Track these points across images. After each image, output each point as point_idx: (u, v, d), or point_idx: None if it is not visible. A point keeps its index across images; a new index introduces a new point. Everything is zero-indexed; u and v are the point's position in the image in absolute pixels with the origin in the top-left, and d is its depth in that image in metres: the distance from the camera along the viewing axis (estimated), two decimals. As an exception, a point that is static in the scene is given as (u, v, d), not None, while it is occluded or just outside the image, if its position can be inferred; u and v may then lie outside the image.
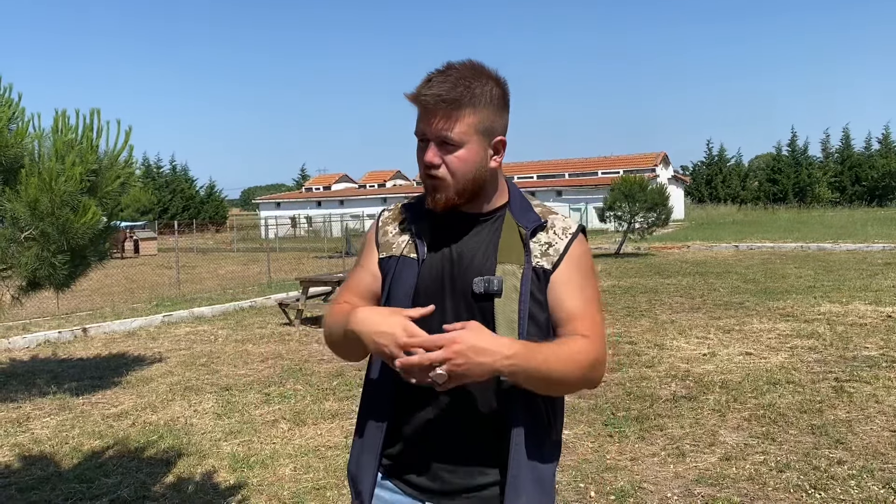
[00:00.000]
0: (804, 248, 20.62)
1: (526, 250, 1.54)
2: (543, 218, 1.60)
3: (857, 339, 7.81)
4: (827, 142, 60.84)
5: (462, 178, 1.52)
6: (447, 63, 1.52)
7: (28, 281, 6.55)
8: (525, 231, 1.56)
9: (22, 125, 6.71)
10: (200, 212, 59.32)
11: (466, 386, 1.50)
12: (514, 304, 1.50)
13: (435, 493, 1.56)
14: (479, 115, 1.50)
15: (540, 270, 1.54)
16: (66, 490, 4.39)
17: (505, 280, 1.51)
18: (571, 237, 1.58)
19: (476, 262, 1.55)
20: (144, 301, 13.45)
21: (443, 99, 1.45)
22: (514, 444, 1.51)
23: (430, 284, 1.56)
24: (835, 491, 3.97)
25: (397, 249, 1.62)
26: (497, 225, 1.59)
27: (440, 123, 1.47)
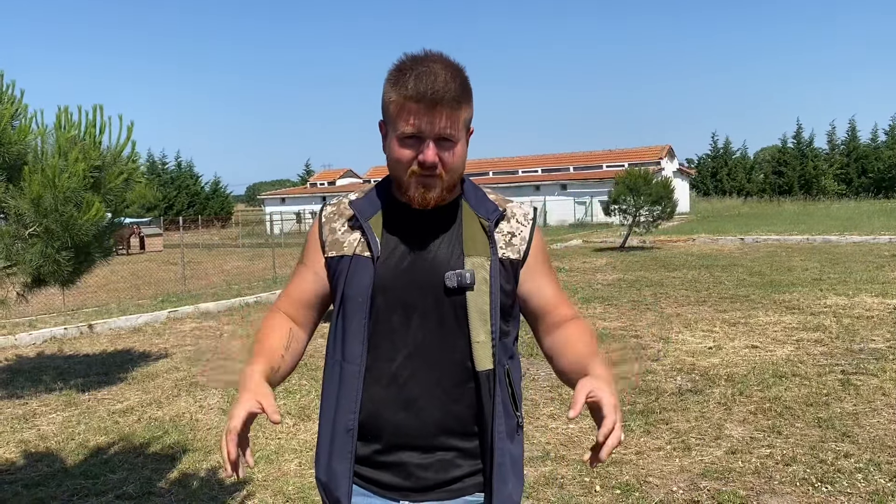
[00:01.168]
0: (810, 241, 20.54)
1: (491, 242, 1.54)
2: (502, 207, 1.60)
3: (863, 332, 7.77)
4: (833, 133, 60.53)
5: (455, 174, 1.51)
6: (419, 56, 1.48)
7: (33, 278, 6.56)
8: (487, 223, 1.56)
9: (25, 122, 6.71)
10: (206, 208, 59.36)
11: (437, 375, 1.51)
12: (485, 296, 1.51)
13: (408, 491, 1.55)
14: (470, 110, 1.51)
15: (507, 261, 1.55)
16: (71, 486, 4.40)
17: (475, 273, 1.51)
18: (532, 223, 1.63)
19: (441, 257, 1.53)
20: (150, 297, 13.48)
21: (445, 96, 1.42)
22: (497, 432, 1.51)
23: (389, 282, 1.53)
24: (841, 484, 3.95)
25: (349, 248, 1.57)
26: (454, 216, 1.57)
27: (444, 121, 1.44)
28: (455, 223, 1.56)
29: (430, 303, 1.51)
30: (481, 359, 1.51)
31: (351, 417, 1.53)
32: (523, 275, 1.59)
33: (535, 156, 50.82)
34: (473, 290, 1.50)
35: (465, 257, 1.52)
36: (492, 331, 1.51)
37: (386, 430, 1.53)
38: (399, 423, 1.52)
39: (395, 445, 1.54)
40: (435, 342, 1.52)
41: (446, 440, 1.53)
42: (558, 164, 47.74)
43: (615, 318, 9.36)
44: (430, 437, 1.52)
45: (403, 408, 1.52)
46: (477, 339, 1.50)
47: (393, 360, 1.53)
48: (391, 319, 1.52)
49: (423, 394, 1.51)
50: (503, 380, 1.55)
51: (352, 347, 1.54)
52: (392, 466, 1.55)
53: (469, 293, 1.50)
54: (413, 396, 1.52)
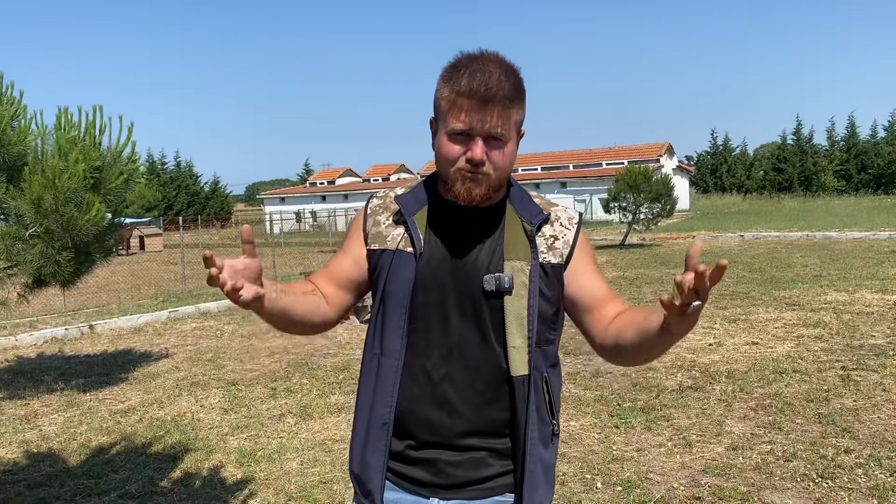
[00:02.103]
0: (810, 237, 20.54)
1: (532, 246, 1.53)
2: (546, 211, 1.59)
3: (863, 328, 7.78)
4: (832, 130, 60.38)
5: (502, 174, 1.51)
6: (475, 54, 1.47)
7: (34, 278, 6.56)
8: (530, 227, 1.55)
9: (24, 123, 6.71)
10: (205, 207, 59.34)
11: (473, 376, 1.51)
12: (523, 300, 1.50)
13: (439, 488, 1.55)
14: (522, 111, 1.50)
15: (548, 266, 1.54)
16: (74, 486, 4.41)
17: (514, 277, 1.50)
18: (577, 227, 1.60)
19: (482, 259, 1.53)
20: (150, 297, 13.48)
21: (499, 95, 1.42)
22: (530, 438, 1.51)
23: (430, 279, 1.53)
24: (842, 480, 3.96)
25: (392, 243, 1.57)
26: (498, 218, 1.57)
27: (495, 120, 1.44)
28: (499, 226, 1.56)
29: (468, 304, 1.51)
30: (517, 364, 1.50)
31: (387, 411, 1.54)
32: (568, 276, 1.56)
33: (535, 154, 50.81)
34: (511, 295, 1.49)
35: (504, 261, 1.51)
36: (529, 336, 1.50)
37: (419, 428, 1.54)
38: (433, 422, 1.53)
39: (428, 443, 1.54)
40: (471, 344, 1.52)
41: (478, 441, 1.53)
42: (558, 162, 47.75)
43: (615, 315, 9.36)
44: (463, 437, 1.53)
45: (437, 407, 1.53)
46: (513, 343, 1.50)
47: (429, 358, 1.53)
48: (429, 317, 1.52)
49: (457, 394, 1.52)
50: (540, 387, 1.54)
51: (390, 341, 1.54)
52: (423, 463, 1.55)
53: (507, 297, 1.49)
54: (447, 396, 1.52)
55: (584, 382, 6.18)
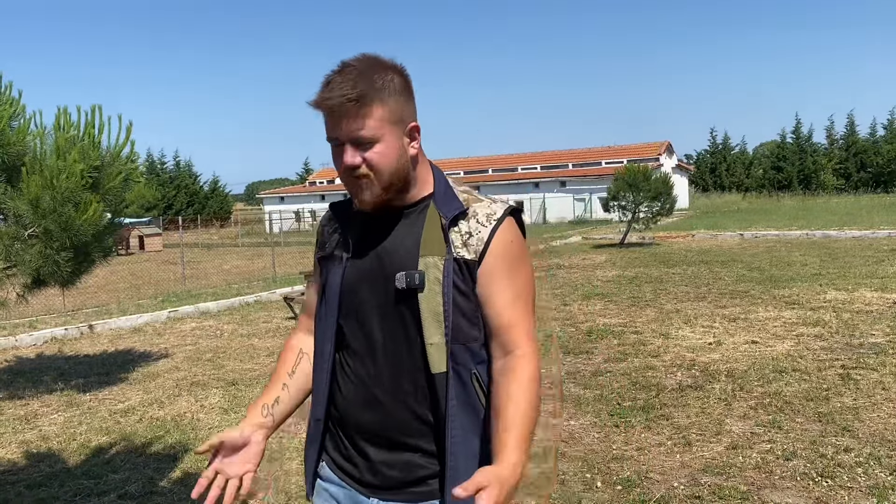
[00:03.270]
0: (809, 236, 20.55)
1: (446, 241, 1.50)
2: (466, 205, 1.55)
3: (863, 327, 7.78)
4: (832, 128, 60.42)
5: (385, 173, 1.48)
6: (342, 62, 1.48)
7: (33, 278, 6.55)
8: (445, 221, 1.52)
9: (23, 123, 6.70)
10: (205, 207, 59.35)
11: (398, 375, 1.52)
12: (437, 296, 1.47)
13: (377, 489, 1.56)
14: (387, 107, 1.46)
15: (461, 261, 1.49)
16: (74, 486, 4.41)
17: (427, 273, 1.48)
18: (496, 224, 1.52)
19: (399, 257, 1.52)
20: (150, 297, 13.48)
21: (348, 98, 1.41)
22: (450, 435, 1.48)
23: (354, 282, 1.56)
24: (842, 478, 3.96)
25: (329, 249, 1.64)
26: (421, 216, 1.56)
27: (351, 123, 1.44)
28: (419, 223, 1.55)
29: (388, 304, 1.51)
30: (435, 361, 1.48)
31: (319, 408, 1.61)
32: (479, 278, 1.50)
33: (534, 153, 50.83)
34: (424, 291, 1.48)
35: (419, 257, 1.50)
36: (446, 333, 1.47)
37: (354, 428, 1.58)
38: (365, 422, 1.55)
39: (364, 442, 1.56)
40: (395, 343, 1.52)
41: (411, 441, 1.53)
42: (557, 161, 47.75)
43: (615, 314, 9.37)
44: (394, 436, 1.53)
45: (368, 407, 1.54)
46: (430, 340, 1.48)
47: (358, 359, 1.56)
48: (355, 319, 1.55)
49: (385, 394, 1.53)
50: (469, 384, 1.50)
51: (324, 343, 1.60)
52: (361, 462, 1.57)
53: (421, 294, 1.48)
54: (377, 396, 1.53)
55: (583, 381, 6.18)
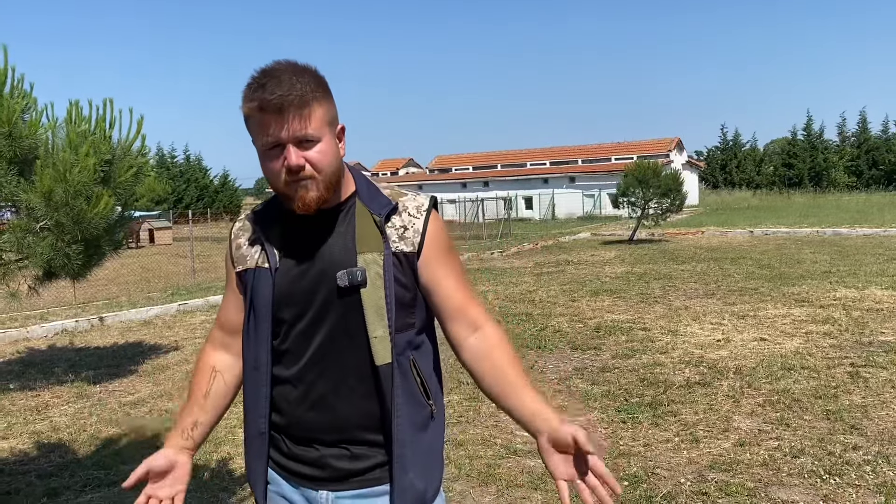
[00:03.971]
0: (820, 234, 20.46)
1: (383, 236, 1.54)
2: (394, 201, 1.59)
3: (873, 325, 7.75)
4: (843, 125, 60.04)
5: (327, 172, 1.50)
6: (265, 67, 1.48)
7: (44, 271, 6.61)
8: (379, 217, 1.55)
9: (35, 116, 6.74)
10: (215, 201, 59.49)
11: (343, 372, 1.54)
12: (380, 290, 1.51)
13: (326, 481, 1.58)
14: (323, 107, 1.49)
15: (401, 255, 1.55)
16: (84, 476, 4.45)
17: (368, 269, 1.51)
18: (426, 214, 1.59)
19: (336, 257, 1.54)
20: (160, 290, 13.55)
21: (290, 97, 1.43)
22: (396, 423, 1.53)
23: (288, 289, 1.56)
24: (850, 476, 3.96)
25: (251, 261, 1.61)
26: (349, 215, 1.58)
27: (295, 124, 1.44)
28: (349, 222, 1.56)
29: (329, 305, 1.53)
30: (380, 353, 1.52)
31: (262, 421, 1.61)
32: (420, 268, 1.57)
33: (544, 148, 50.70)
34: (367, 287, 1.51)
35: (357, 255, 1.52)
36: (389, 326, 1.52)
37: (299, 428, 1.59)
38: (309, 421, 1.57)
39: (311, 441, 1.58)
40: (338, 342, 1.54)
41: (358, 434, 1.56)
42: (567, 157, 47.62)
43: (623, 310, 9.36)
44: (342, 432, 1.56)
45: (312, 407, 1.56)
46: (374, 334, 1.51)
47: (299, 363, 1.56)
48: (294, 326, 1.56)
49: (331, 392, 1.55)
50: (409, 370, 1.56)
51: (259, 355, 1.59)
52: (309, 460, 1.59)
53: (363, 290, 1.50)
54: (321, 395, 1.55)
55: (591, 377, 6.18)
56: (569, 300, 10.47)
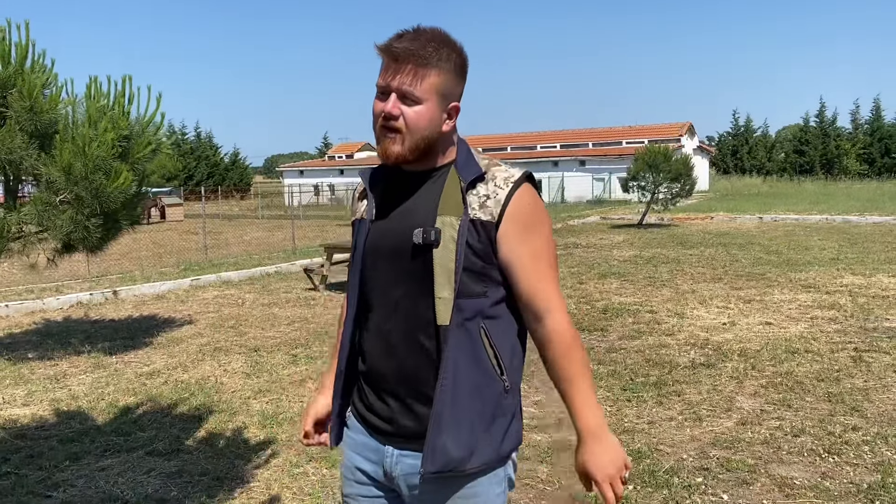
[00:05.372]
0: (829, 221, 20.44)
1: (464, 202, 1.58)
2: (485, 170, 1.62)
3: (878, 311, 7.82)
4: (857, 112, 59.51)
5: (416, 133, 1.56)
6: (418, 25, 1.57)
7: (63, 243, 6.74)
8: (464, 183, 1.60)
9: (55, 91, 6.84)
10: (225, 178, 59.62)
11: (413, 327, 1.61)
12: (451, 253, 1.55)
13: (393, 437, 1.66)
14: (441, 78, 1.56)
15: (478, 223, 1.56)
16: (104, 442, 4.59)
17: (443, 231, 1.56)
18: (513, 186, 1.59)
19: (418, 217, 1.61)
20: (172, 265, 13.70)
21: (413, 53, 1.51)
22: (442, 383, 1.55)
23: (376, 241, 1.67)
24: (848, 455, 4.06)
25: (359, 213, 1.75)
26: (441, 180, 1.64)
27: (406, 77, 1.53)
28: (439, 185, 1.63)
29: (405, 260, 1.61)
30: (442, 314, 1.57)
31: (342, 362, 1.76)
32: (499, 241, 1.58)
33: (554, 131, 50.53)
34: (439, 248, 1.56)
35: (437, 216, 1.58)
36: (455, 288, 1.55)
37: (375, 376, 1.69)
38: (384, 371, 1.66)
39: (382, 390, 1.67)
40: (411, 297, 1.61)
41: (425, 393, 1.61)
42: (577, 140, 47.47)
43: (631, 293, 9.45)
44: (410, 387, 1.63)
45: (387, 357, 1.65)
46: (440, 294, 1.56)
47: (379, 313, 1.67)
48: (376, 276, 1.66)
49: (402, 346, 1.62)
50: (478, 339, 1.58)
51: (349, 299, 1.74)
52: (380, 410, 1.68)
53: (435, 250, 1.56)
54: (394, 345, 1.64)
55: (597, 357, 6.28)
56: (577, 282, 10.56)
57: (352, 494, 1.78)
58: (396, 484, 1.68)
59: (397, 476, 1.66)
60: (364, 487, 1.75)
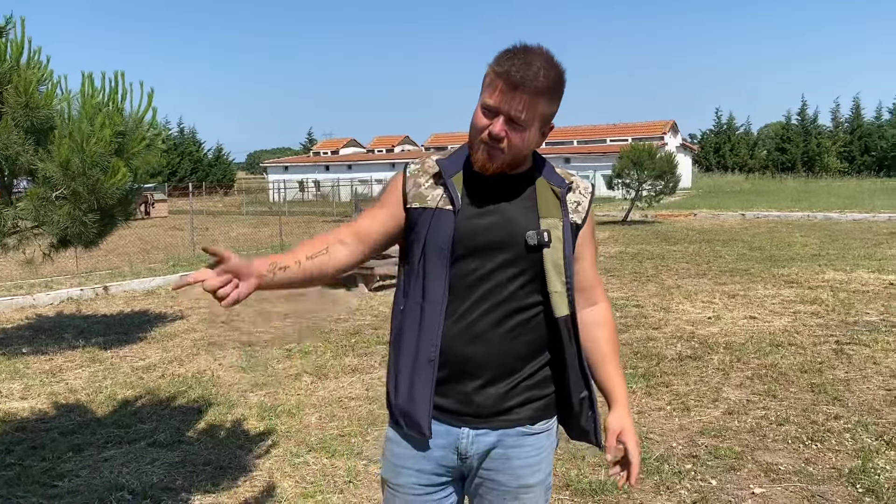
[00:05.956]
0: (811, 218, 20.75)
1: (563, 206, 1.77)
2: (568, 180, 1.82)
3: (858, 305, 8.02)
4: (837, 111, 60.19)
5: (517, 154, 1.70)
6: (527, 45, 1.66)
7: (59, 238, 6.79)
8: (560, 190, 1.78)
9: (50, 87, 6.88)
10: (209, 175, 59.39)
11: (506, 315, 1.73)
12: (559, 252, 1.73)
13: (469, 417, 1.76)
14: (552, 106, 1.69)
15: (573, 225, 1.79)
16: (105, 434, 4.67)
17: (551, 232, 1.74)
18: (591, 196, 1.85)
19: (518, 217, 1.74)
20: (160, 261, 13.72)
21: (529, 84, 1.61)
22: (571, 376, 1.79)
23: (468, 233, 1.73)
24: (830, 442, 4.22)
25: (432, 202, 1.75)
26: (528, 186, 1.78)
27: (518, 105, 1.62)
28: (528, 190, 1.78)
29: (507, 257, 1.72)
30: (559, 306, 1.74)
31: (433, 350, 1.73)
32: (579, 239, 1.81)
33: (539, 128, 50.63)
34: (549, 247, 1.73)
35: (540, 219, 1.74)
36: (567, 282, 1.75)
37: (455, 362, 1.74)
38: (468, 356, 1.74)
39: (463, 373, 1.75)
40: (506, 290, 1.73)
41: (508, 374, 1.75)
42: (562, 138, 47.69)
43: (617, 288, 9.61)
44: (494, 369, 1.74)
45: (471, 342, 1.74)
46: (554, 289, 1.74)
47: (467, 301, 1.74)
48: (466, 267, 1.73)
49: (490, 332, 1.73)
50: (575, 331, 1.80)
51: (433, 289, 1.74)
52: (456, 394, 1.76)
53: (546, 250, 1.73)
54: (482, 334, 1.73)
55: (587, 350, 6.42)
56: (564, 278, 10.69)
57: (405, 484, 1.81)
58: (469, 464, 1.79)
59: (472, 455, 1.78)
60: (425, 476, 1.80)
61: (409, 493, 1.81)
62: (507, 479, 1.78)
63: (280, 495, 3.74)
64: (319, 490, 3.78)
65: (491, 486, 1.79)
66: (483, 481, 1.80)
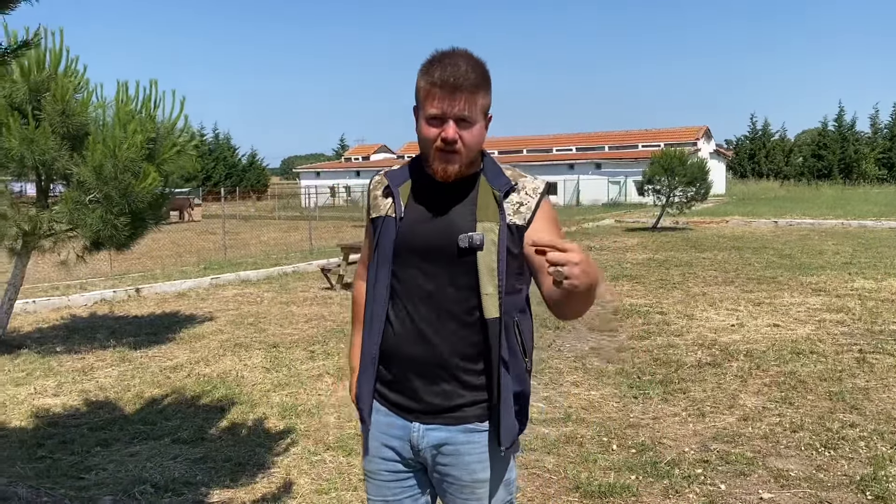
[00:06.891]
0: (845, 225, 20.43)
1: (500, 209, 1.81)
2: (514, 181, 1.86)
3: (886, 315, 7.92)
4: (876, 117, 59.12)
5: (472, 152, 1.78)
6: (446, 51, 1.76)
7: (92, 241, 7.01)
8: (499, 193, 1.82)
9: (86, 95, 7.12)
10: (242, 179, 60.22)
11: (447, 316, 1.81)
12: (493, 255, 1.78)
13: (418, 413, 1.87)
14: (487, 98, 1.78)
15: (513, 227, 1.79)
16: (132, 430, 4.83)
17: (485, 236, 1.78)
18: (541, 196, 1.84)
19: (456, 221, 1.81)
20: (192, 264, 13.99)
21: (464, 83, 1.71)
22: (503, 372, 1.80)
23: (409, 239, 1.84)
24: (844, 450, 4.22)
25: (383, 210, 1.89)
26: (471, 187, 1.85)
27: (462, 104, 1.72)
28: (472, 194, 1.85)
29: (444, 259, 1.81)
30: (489, 308, 1.78)
31: (374, 348, 1.89)
32: (526, 236, 1.79)
33: (570, 134, 50.64)
34: (483, 251, 1.77)
35: (477, 222, 1.80)
36: (499, 285, 1.77)
37: (402, 361, 1.87)
38: (413, 355, 1.85)
39: (410, 371, 1.87)
40: (446, 291, 1.82)
41: (452, 373, 1.84)
42: (593, 143, 47.54)
43: (642, 295, 9.60)
44: (437, 369, 1.84)
45: (415, 341, 1.85)
46: (486, 291, 1.77)
47: (411, 303, 1.85)
48: (409, 271, 1.85)
49: (434, 333, 1.83)
50: (512, 329, 1.82)
51: (379, 292, 1.89)
52: (406, 391, 1.89)
53: (479, 253, 1.78)
54: (425, 334, 1.83)
55: (606, 356, 6.45)
56: (589, 284, 10.70)
57: (376, 471, 1.97)
58: (423, 456, 1.90)
59: (423, 448, 1.88)
60: (390, 463, 1.95)
61: (379, 478, 1.97)
62: (460, 474, 1.88)
63: (296, 492, 3.85)
64: (334, 487, 3.89)
65: (450, 481, 1.90)
66: (442, 477, 1.91)
